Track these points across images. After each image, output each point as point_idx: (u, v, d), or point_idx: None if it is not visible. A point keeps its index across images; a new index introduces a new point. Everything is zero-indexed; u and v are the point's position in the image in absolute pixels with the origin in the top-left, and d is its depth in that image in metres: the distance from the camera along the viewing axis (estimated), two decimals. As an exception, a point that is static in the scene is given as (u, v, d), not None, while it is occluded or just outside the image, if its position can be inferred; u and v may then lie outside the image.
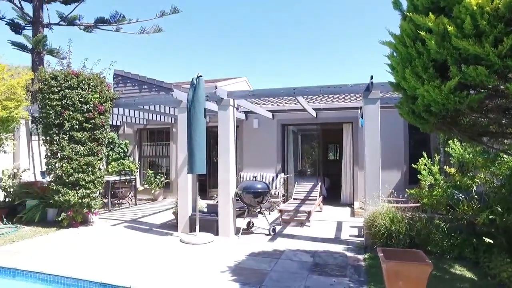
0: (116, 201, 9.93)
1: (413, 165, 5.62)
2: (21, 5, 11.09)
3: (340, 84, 5.87)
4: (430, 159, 5.49)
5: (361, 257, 4.93)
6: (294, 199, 8.48)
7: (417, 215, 5.27)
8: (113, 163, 11.23)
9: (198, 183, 6.95)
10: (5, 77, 6.59)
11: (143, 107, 8.65)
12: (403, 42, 3.42)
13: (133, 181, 10.51)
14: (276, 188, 9.14)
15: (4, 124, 6.99)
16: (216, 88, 6.18)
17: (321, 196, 8.96)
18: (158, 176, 11.52)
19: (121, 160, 11.42)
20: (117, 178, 9.66)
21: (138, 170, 11.90)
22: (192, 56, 52.20)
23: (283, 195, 9.30)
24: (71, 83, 6.82)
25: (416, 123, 3.61)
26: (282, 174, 9.58)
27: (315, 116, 9.52)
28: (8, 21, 11.44)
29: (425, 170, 5.41)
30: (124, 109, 9.33)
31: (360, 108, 7.80)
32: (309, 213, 7.09)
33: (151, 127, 12.34)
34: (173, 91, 6.80)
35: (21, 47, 11.52)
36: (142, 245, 5.69)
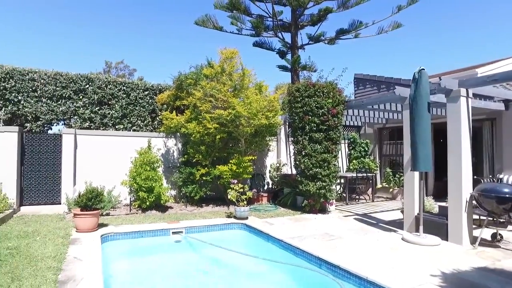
0: (354, 196, 10.74)
1: None
2: (283, 36, 14.19)
3: None
4: None
5: None
6: None
7: None
8: (354, 161, 12.12)
9: (426, 182, 6.51)
10: (267, 94, 8.82)
11: (384, 106, 8.94)
12: None
13: (372, 179, 10.95)
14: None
15: (268, 129, 9.29)
16: (441, 80, 5.64)
17: None
18: (397, 175, 11.37)
19: (362, 159, 12.11)
20: (354, 174, 10.40)
21: (378, 169, 12.20)
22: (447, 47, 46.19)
23: None
24: (309, 93, 8.18)
25: None
26: None
27: None
28: (277, 50, 14.84)
29: None
30: (363, 110, 10.00)
31: None
32: None
33: (390, 126, 12.33)
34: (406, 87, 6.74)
35: (284, 68, 14.66)
36: (363, 235, 6.07)
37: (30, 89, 9.10)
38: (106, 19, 47.32)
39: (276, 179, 10.43)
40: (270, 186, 10.68)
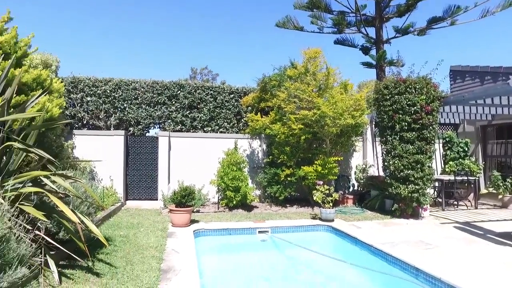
0: (452, 202, 9.64)
1: None
2: (366, 31, 13.48)
3: None
4: None
5: None
6: None
7: None
8: (450, 162, 10.91)
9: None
10: (352, 93, 8.46)
11: (492, 101, 7.87)
12: None
13: (474, 183, 9.71)
14: None
15: (354, 129, 8.91)
16: None
17: None
18: (508, 180, 9.88)
19: (460, 160, 10.84)
20: (452, 177, 9.35)
21: (481, 171, 10.78)
22: None
23: None
24: (399, 90, 7.61)
25: None
26: None
27: None
28: (360, 47, 14.18)
29: None
30: (463, 106, 8.93)
31: None
32: None
33: (498, 122, 10.79)
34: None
35: (368, 65, 13.91)
36: (466, 246, 5.40)
37: (133, 97, 10.26)
38: (192, 28, 51.08)
39: (362, 181, 9.96)
40: (356, 188, 10.24)
